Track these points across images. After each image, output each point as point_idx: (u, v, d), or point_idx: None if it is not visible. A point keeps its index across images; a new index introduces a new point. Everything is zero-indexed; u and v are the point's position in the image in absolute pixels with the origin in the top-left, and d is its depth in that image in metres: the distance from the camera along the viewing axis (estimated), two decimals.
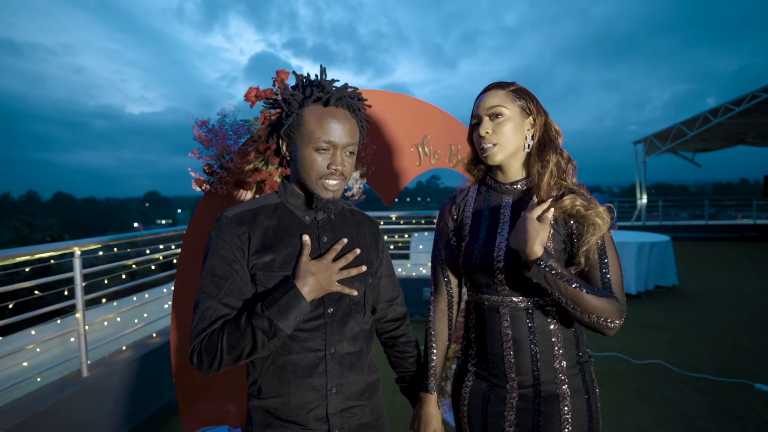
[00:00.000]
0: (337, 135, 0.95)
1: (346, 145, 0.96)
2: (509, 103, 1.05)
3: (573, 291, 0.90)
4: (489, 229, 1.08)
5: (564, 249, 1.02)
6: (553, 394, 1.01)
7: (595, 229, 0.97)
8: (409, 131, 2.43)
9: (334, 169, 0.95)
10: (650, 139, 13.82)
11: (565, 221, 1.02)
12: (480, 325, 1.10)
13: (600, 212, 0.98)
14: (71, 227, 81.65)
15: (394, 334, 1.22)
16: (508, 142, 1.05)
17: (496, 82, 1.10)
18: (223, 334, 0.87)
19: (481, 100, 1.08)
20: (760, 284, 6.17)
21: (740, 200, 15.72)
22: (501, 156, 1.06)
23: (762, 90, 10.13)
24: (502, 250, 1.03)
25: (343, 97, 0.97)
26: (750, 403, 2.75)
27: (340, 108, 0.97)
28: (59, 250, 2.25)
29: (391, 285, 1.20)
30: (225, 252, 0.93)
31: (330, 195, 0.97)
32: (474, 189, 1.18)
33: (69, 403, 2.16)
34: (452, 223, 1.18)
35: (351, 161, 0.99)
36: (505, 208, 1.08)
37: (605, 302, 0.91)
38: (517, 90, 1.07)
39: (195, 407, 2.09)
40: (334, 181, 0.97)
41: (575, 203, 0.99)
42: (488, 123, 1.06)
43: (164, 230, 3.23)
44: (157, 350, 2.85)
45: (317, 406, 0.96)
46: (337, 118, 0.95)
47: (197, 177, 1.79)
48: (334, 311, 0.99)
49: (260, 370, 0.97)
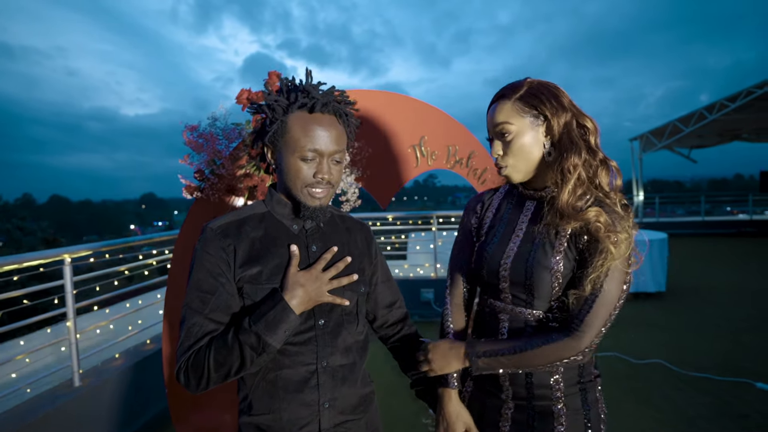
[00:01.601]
0: (323, 143, 0.91)
1: (333, 153, 0.93)
2: (515, 116, 0.96)
3: (517, 357, 0.91)
4: (505, 232, 1.03)
5: (572, 268, 0.94)
6: (548, 412, 0.97)
7: (606, 255, 0.87)
8: (406, 132, 2.39)
9: (320, 178, 0.92)
10: (646, 136, 13.85)
11: (578, 235, 0.93)
12: (480, 329, 1.07)
13: (619, 240, 0.87)
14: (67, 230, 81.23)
15: (400, 335, 1.18)
16: (520, 162, 0.97)
17: (502, 91, 1.00)
18: (210, 351, 0.84)
19: (490, 115, 1.01)
20: (760, 281, 6.17)
21: (736, 196, 15.79)
22: (518, 176, 0.99)
23: (757, 86, 10.17)
24: (510, 257, 0.98)
25: (329, 103, 0.93)
26: (751, 402, 2.74)
27: (326, 114, 0.93)
28: (49, 258, 2.20)
29: (389, 290, 1.17)
30: (210, 265, 0.90)
31: (317, 203, 0.94)
32: (504, 188, 1.13)
33: (61, 414, 2.12)
34: (475, 220, 1.13)
35: (338, 168, 0.96)
36: (525, 214, 1.03)
37: (554, 346, 0.90)
38: (524, 96, 0.96)
39: (189, 417, 2.05)
40: (320, 189, 0.93)
41: (599, 219, 0.89)
42: (498, 145, 0.99)
43: (157, 235, 3.18)
44: (151, 357, 2.81)
45: (310, 422, 0.93)
46: (323, 125, 0.92)
47: (188, 184, 1.74)
48: (326, 323, 0.96)
49: (250, 385, 0.94)
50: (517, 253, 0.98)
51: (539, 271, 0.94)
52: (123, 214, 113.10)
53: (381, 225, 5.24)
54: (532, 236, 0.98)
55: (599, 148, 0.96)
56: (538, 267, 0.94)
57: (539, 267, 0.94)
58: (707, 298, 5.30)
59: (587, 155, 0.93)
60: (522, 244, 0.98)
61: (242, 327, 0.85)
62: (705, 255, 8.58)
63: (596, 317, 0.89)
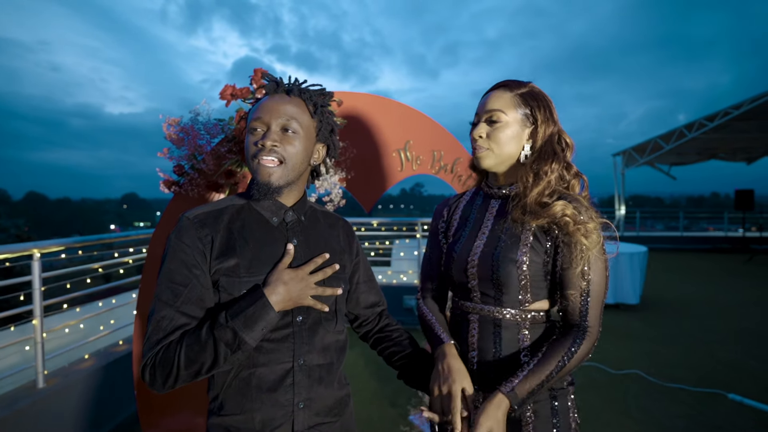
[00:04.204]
0: (267, 111, 0.91)
1: (280, 122, 0.91)
2: (512, 108, 0.98)
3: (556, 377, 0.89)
4: (471, 232, 1.05)
5: (544, 262, 0.95)
6: (516, 419, 0.95)
7: (580, 249, 0.89)
8: (391, 135, 2.38)
9: (261, 145, 0.89)
10: (629, 152, 14.19)
11: (548, 231, 0.94)
12: (456, 328, 1.07)
13: (589, 231, 0.89)
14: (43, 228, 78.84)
15: (380, 326, 1.17)
16: (501, 149, 0.99)
17: (506, 82, 1.02)
18: (180, 346, 0.80)
19: (486, 99, 1.02)
20: (734, 295, 6.32)
21: (712, 213, 16.27)
22: (491, 161, 1.01)
23: (734, 107, 10.54)
24: (477, 254, 0.99)
25: (292, 89, 0.94)
26: (724, 413, 2.78)
27: (283, 93, 0.94)
28: (16, 252, 2.11)
29: (371, 290, 1.15)
30: (185, 256, 0.86)
31: (266, 177, 0.91)
32: (470, 193, 1.16)
33: (22, 416, 2.02)
34: (442, 224, 1.15)
35: (294, 146, 0.92)
36: (490, 212, 1.05)
37: (579, 356, 0.90)
38: (525, 94, 0.99)
39: (159, 421, 1.97)
40: (267, 158, 0.90)
41: (566, 212, 0.90)
42: (483, 127, 1.01)
43: (134, 233, 3.09)
44: (123, 359, 2.71)
45: (283, 423, 0.90)
46: (273, 99, 0.92)
47: (166, 178, 1.69)
48: (304, 319, 0.94)
49: (221, 384, 0.90)
50: (483, 249, 0.99)
51: (506, 264, 0.94)
52: (103, 213, 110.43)
53: (366, 230, 5.21)
54: (498, 232, 1.00)
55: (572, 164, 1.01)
56: (504, 260, 0.95)
57: (506, 260, 0.94)
58: (684, 311, 5.40)
59: (563, 167, 0.98)
60: (488, 241, 1.00)
61: (218, 322, 0.82)
62: (682, 269, 8.77)
63: (595, 309, 0.92)
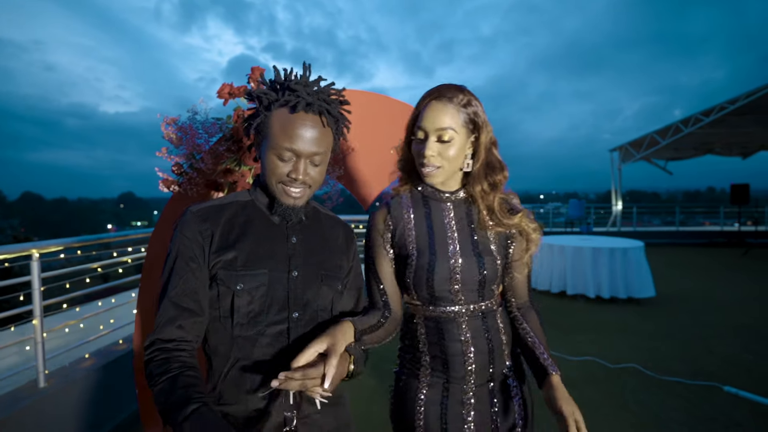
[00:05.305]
0: (300, 144, 0.89)
1: (311, 154, 0.91)
2: (458, 123, 0.99)
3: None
4: (438, 241, 1.05)
5: (505, 255, 1.10)
6: (505, 385, 1.10)
7: (533, 244, 1.09)
8: (389, 133, 2.39)
9: (293, 178, 0.91)
10: (625, 147, 14.22)
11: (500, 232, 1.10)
12: (437, 335, 1.06)
13: (537, 228, 1.10)
14: (39, 228, 78.47)
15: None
16: (452, 165, 1.03)
17: (444, 92, 1.00)
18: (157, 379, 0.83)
19: (431, 112, 0.99)
20: (729, 289, 6.37)
21: (708, 208, 16.34)
22: (442, 178, 1.05)
23: (729, 101, 10.58)
24: (458, 263, 1.04)
25: (313, 103, 0.90)
26: (719, 405, 2.82)
27: (310, 114, 0.90)
28: (15, 253, 2.11)
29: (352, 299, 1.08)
30: (184, 248, 0.89)
31: (291, 202, 0.94)
32: (406, 196, 1.11)
33: (24, 416, 2.03)
34: (388, 234, 1.09)
35: (318, 170, 0.94)
36: (447, 216, 1.08)
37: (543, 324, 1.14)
38: (467, 107, 1.00)
39: (161, 419, 1.98)
40: (297, 189, 0.93)
41: (527, 222, 1.08)
42: (434, 145, 1.00)
43: (132, 232, 3.09)
44: (123, 358, 2.72)
45: (276, 413, 0.91)
46: (304, 126, 0.89)
47: (165, 177, 1.70)
48: (300, 316, 0.95)
49: (218, 375, 0.93)
50: (462, 256, 1.04)
51: (489, 263, 1.05)
52: (100, 213, 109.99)
53: (363, 228, 5.21)
54: (466, 235, 1.07)
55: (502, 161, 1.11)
56: (487, 261, 1.05)
57: (488, 260, 1.05)
58: (680, 305, 5.44)
59: (500, 169, 1.07)
60: (462, 247, 1.05)
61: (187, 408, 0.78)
62: (679, 264, 8.82)
63: (530, 289, 1.17)
